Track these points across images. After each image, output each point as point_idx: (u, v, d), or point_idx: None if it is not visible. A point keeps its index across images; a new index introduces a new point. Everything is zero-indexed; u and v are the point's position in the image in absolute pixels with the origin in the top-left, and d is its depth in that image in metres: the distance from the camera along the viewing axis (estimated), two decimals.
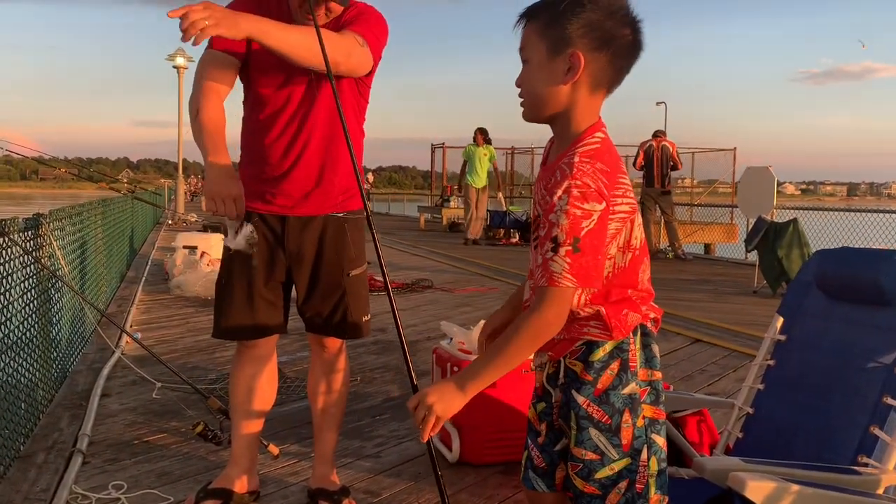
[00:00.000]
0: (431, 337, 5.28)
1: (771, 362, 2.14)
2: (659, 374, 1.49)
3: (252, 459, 2.53)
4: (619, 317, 1.43)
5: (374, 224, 2.08)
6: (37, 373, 3.32)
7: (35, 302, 3.29)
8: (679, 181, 19.90)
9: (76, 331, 4.49)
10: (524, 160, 20.98)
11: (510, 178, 21.41)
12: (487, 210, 17.40)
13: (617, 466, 1.44)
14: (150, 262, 9.35)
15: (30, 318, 3.21)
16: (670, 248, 11.42)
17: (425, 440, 1.46)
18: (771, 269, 7.53)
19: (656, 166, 11.15)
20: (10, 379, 2.82)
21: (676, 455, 2.28)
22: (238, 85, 2.31)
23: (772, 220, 7.92)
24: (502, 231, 14.66)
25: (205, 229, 9.09)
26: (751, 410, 2.13)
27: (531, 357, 1.50)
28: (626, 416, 1.43)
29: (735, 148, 18.26)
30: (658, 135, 11.40)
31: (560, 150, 1.45)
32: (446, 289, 7.65)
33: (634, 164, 11.62)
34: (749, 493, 1.50)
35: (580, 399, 1.45)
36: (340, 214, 2.36)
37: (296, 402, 3.64)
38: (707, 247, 16.08)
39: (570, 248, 1.32)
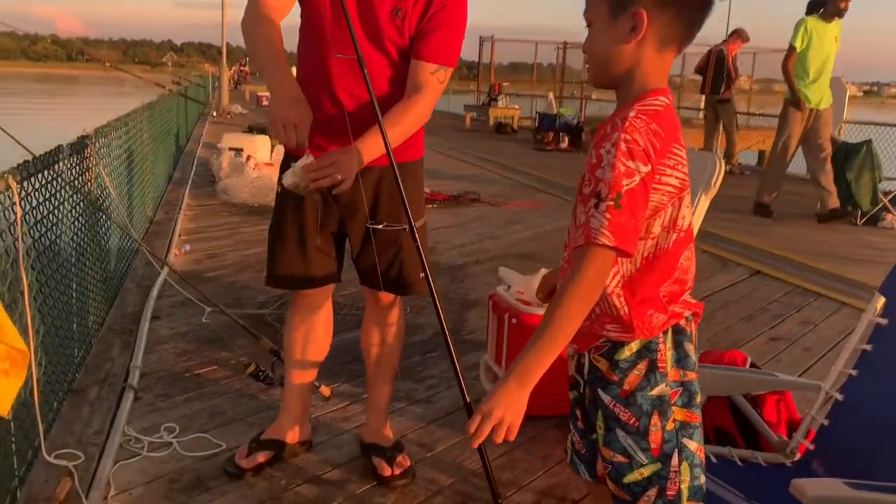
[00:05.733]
0: (480, 260, 5.15)
1: (868, 347, 1.96)
2: (693, 375, 1.39)
3: (304, 408, 2.48)
4: (642, 318, 1.35)
5: None
6: (89, 297, 3.28)
7: (82, 231, 3.21)
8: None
9: (125, 246, 4.45)
10: (578, 54, 20.15)
11: (560, 74, 20.67)
12: (536, 112, 16.82)
13: (646, 471, 1.36)
14: (195, 162, 9.30)
15: (83, 241, 3.14)
16: (726, 161, 10.98)
17: (500, 441, 1.34)
18: (838, 193, 7.16)
19: (713, 71, 10.56)
20: (64, 307, 2.78)
21: (752, 436, 2.16)
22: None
23: (843, 141, 7.48)
24: (551, 135, 14.24)
25: (250, 130, 8.94)
26: (840, 397, 1.97)
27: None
28: (655, 418, 1.35)
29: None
30: (732, 37, 10.71)
31: (619, 108, 1.36)
32: (494, 202, 7.46)
33: (695, 68, 11.08)
34: None
35: (606, 399, 1.38)
36: (396, 165, 2.18)
37: (347, 332, 3.55)
38: (762, 154, 15.44)
39: (611, 202, 1.23)
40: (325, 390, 2.85)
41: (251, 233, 5.75)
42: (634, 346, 1.36)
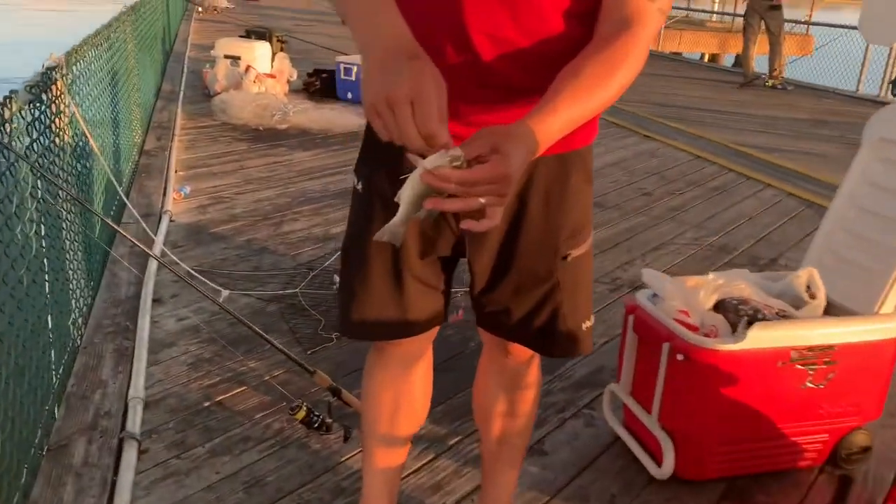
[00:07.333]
0: None
1: None
2: None
3: (392, 499, 1.70)
4: None
5: None
6: (68, 285, 2.44)
7: (51, 210, 2.33)
8: None
9: (109, 199, 3.56)
10: None
11: None
12: None
13: None
14: (186, 69, 8.20)
15: (55, 221, 2.27)
16: (767, 75, 9.98)
17: None
18: None
19: None
20: (30, 329, 1.94)
21: None
22: None
23: None
24: None
25: (248, 35, 7.82)
26: None
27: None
28: None
29: None
30: None
31: None
32: None
33: None
34: None
35: None
36: (559, 155, 1.31)
37: None
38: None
39: None
40: None
41: (260, 167, 4.84)
42: None
